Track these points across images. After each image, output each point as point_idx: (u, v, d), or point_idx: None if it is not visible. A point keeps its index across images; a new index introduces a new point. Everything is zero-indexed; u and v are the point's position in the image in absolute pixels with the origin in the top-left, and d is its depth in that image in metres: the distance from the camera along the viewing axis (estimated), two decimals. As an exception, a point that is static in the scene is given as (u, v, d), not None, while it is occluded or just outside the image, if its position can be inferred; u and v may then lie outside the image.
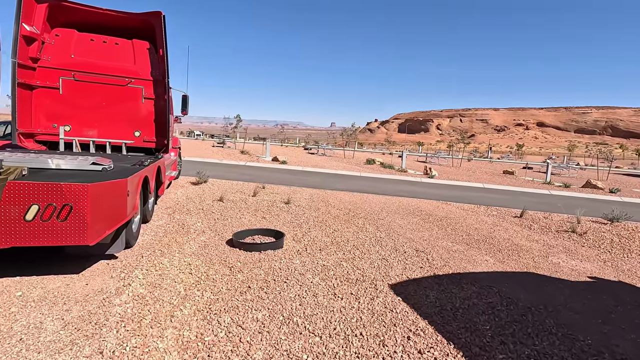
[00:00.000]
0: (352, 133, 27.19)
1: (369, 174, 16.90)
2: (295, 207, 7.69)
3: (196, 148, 24.43)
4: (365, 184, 13.33)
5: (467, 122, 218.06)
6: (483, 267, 4.90)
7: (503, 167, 28.32)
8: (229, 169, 14.77)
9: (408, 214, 8.15)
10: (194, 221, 6.00)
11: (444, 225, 7.22)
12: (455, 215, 8.31)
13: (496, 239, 6.46)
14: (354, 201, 9.19)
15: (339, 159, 24.26)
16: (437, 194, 12.02)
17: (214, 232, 5.50)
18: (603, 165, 42.62)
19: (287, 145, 39.52)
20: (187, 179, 10.15)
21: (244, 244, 4.77)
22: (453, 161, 27.41)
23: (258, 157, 19.94)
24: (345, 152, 28.86)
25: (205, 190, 8.74)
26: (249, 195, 8.54)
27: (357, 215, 7.52)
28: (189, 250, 4.59)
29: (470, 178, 18.11)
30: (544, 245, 6.32)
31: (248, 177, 12.45)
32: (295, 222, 6.52)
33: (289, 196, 8.80)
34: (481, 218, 8.33)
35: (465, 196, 11.93)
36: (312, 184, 11.99)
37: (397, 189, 12.40)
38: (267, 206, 7.56)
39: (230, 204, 7.49)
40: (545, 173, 19.14)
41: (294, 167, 17.11)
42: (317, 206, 8.08)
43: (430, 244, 5.86)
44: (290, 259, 4.57)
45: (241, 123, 26.45)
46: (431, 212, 8.52)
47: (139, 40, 6.82)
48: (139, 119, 6.91)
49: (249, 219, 6.44)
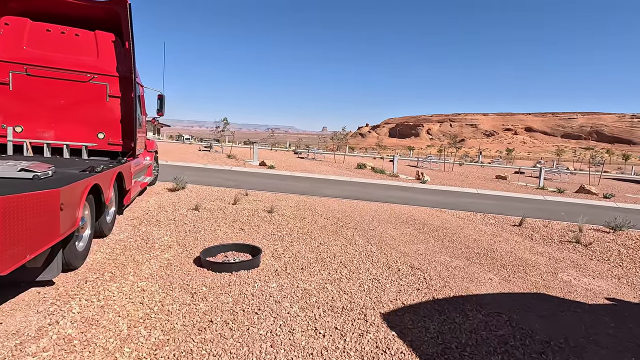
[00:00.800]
0: (343, 137, 26.63)
1: (360, 179, 16.33)
2: (278, 217, 7.03)
3: (182, 152, 23.60)
4: (356, 189, 12.74)
5: (456, 127, 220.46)
6: (488, 288, 4.31)
7: (495, 171, 28.09)
8: (212, 174, 14.03)
9: (401, 223, 7.55)
10: (161, 234, 5.29)
11: (441, 237, 6.63)
12: (451, 225, 7.75)
13: (498, 252, 5.89)
14: (343, 209, 8.57)
15: (329, 164, 23.68)
16: (430, 200, 11.48)
17: (182, 248, 4.80)
18: (592, 169, 42.96)
19: (277, 150, 38.85)
20: (164, 184, 9.41)
21: (213, 264, 4.10)
22: (445, 166, 27.06)
23: (245, 162, 19.21)
24: (335, 156, 28.32)
25: (182, 198, 8.02)
26: (229, 204, 7.85)
27: (346, 226, 6.90)
28: (147, 272, 3.90)
29: (463, 183, 17.68)
30: (550, 258, 5.78)
31: (232, 183, 11.74)
32: (277, 234, 5.86)
33: (273, 204, 8.13)
34: (479, 227, 7.78)
35: (459, 202, 11.42)
36: (299, 190, 11.34)
37: (388, 195, 11.83)
38: (247, 216, 6.88)
39: (206, 213, 6.80)
40: (538, 178, 18.84)
41: (281, 172, 16.44)
42: (303, 215, 7.43)
43: (426, 258, 5.26)
44: (266, 281, 3.91)
45: (229, 126, 25.66)
46: (425, 220, 7.95)
47: (102, 32, 6.12)
48: (103, 119, 6.19)
49: (225, 232, 5.75)
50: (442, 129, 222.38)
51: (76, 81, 5.96)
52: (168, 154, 20.72)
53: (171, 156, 19.72)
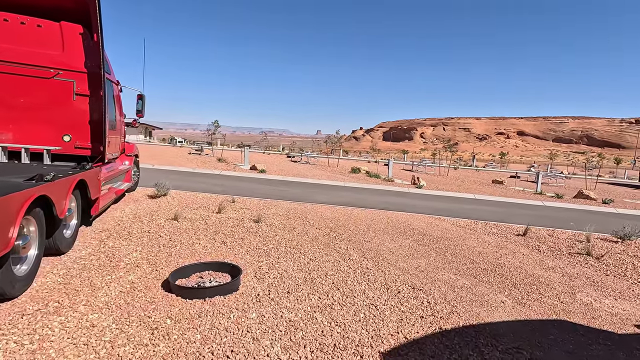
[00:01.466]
0: (337, 140, 26.12)
1: (354, 184, 15.80)
2: (266, 227, 6.44)
3: (171, 155, 22.87)
4: (350, 195, 12.19)
5: (450, 131, 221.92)
6: (501, 314, 3.77)
7: (490, 176, 27.78)
8: (200, 178, 13.39)
9: (399, 233, 7.00)
10: (130, 250, 4.67)
11: (442, 249, 6.10)
12: (452, 235, 7.23)
13: (506, 267, 5.37)
14: (336, 217, 8.01)
15: (322, 168, 23.13)
16: (427, 206, 10.98)
17: (152, 267, 4.19)
18: (583, 173, 42.96)
19: (270, 153, 38.21)
20: (146, 190, 8.76)
21: (182, 289, 3.49)
22: (440, 170, 26.68)
23: (235, 166, 18.57)
24: (329, 160, 27.77)
25: (162, 206, 7.39)
26: (213, 212, 7.24)
27: (339, 237, 6.33)
28: (102, 300, 3.28)
29: (460, 188, 17.25)
30: (563, 275, 5.27)
31: (219, 188, 11.12)
32: (263, 248, 5.26)
33: (261, 212, 7.54)
34: (482, 238, 7.27)
35: (458, 209, 10.93)
36: (290, 196, 10.76)
37: (384, 201, 11.30)
38: (231, 227, 6.28)
39: (186, 224, 6.18)
40: (536, 183, 18.49)
41: (273, 177, 15.84)
42: (293, 225, 6.85)
43: (428, 276, 4.71)
44: (244, 310, 3.32)
45: (221, 129, 25.00)
46: (425, 230, 7.41)
47: (69, 23, 5.50)
48: (69, 120, 5.56)
49: (205, 246, 5.15)
50: (436, 132, 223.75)
51: (38, 77, 5.33)
52: (156, 158, 20.00)
53: (159, 160, 19.02)
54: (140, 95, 8.15)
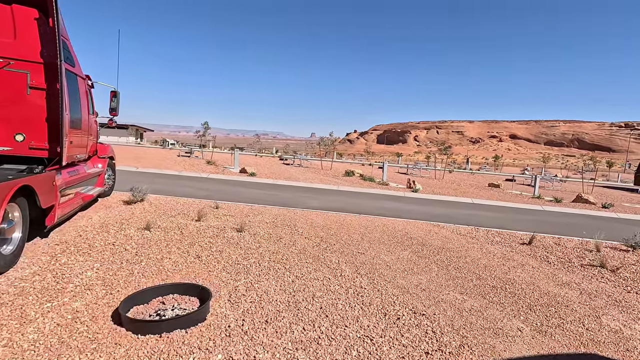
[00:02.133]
0: (331, 143, 25.56)
1: (348, 187, 15.20)
2: (249, 238, 5.80)
3: (160, 158, 22.10)
4: (343, 200, 11.59)
5: (443, 134, 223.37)
6: (520, 346, 3.17)
7: (485, 179, 27.41)
8: (185, 182, 12.68)
9: (396, 243, 6.40)
10: (86, 267, 4.00)
11: (445, 262, 5.50)
12: (453, 245, 6.65)
13: (517, 283, 4.78)
14: (328, 225, 7.39)
15: (315, 171, 22.52)
16: (425, 212, 10.41)
17: (107, 289, 3.53)
18: (576, 176, 42.95)
19: (262, 156, 37.54)
20: (122, 195, 8.07)
21: (133, 323, 2.84)
22: (435, 173, 26.22)
23: (224, 169, 17.88)
24: (322, 163, 27.17)
25: (136, 213, 6.71)
26: (192, 220, 6.57)
27: (330, 248, 5.71)
28: (30, 338, 2.62)
29: (457, 192, 16.75)
30: (581, 292, 4.70)
31: (204, 192, 10.44)
32: (243, 263, 4.62)
33: (245, 220, 6.90)
34: (486, 247, 6.70)
35: (456, 215, 10.38)
36: (280, 201, 10.12)
37: (379, 207, 10.71)
38: (210, 237, 5.62)
39: (159, 234, 5.51)
40: (533, 187, 18.07)
41: (263, 180, 15.18)
42: (280, 235, 6.21)
43: (431, 297, 4.11)
44: (208, 349, 2.67)
45: (212, 131, 24.29)
46: (424, 239, 6.83)
47: (22, 7, 4.84)
48: (23, 117, 4.88)
49: (176, 261, 4.49)
50: (429, 135, 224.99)
51: None
52: (142, 160, 19.23)
53: (145, 162, 18.27)
54: (113, 92, 7.48)
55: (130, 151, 26.66)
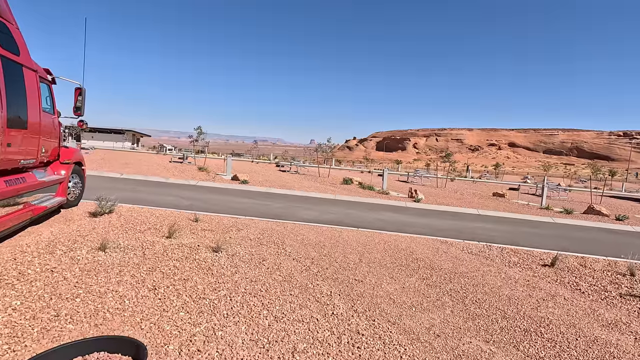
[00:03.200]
0: (329, 149, 24.69)
1: (346, 197, 14.28)
2: (225, 260, 4.86)
3: (150, 163, 21.18)
4: (340, 211, 10.65)
5: (442, 142, 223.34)
6: None
7: (488, 187, 26.53)
8: (170, 190, 11.74)
9: (400, 266, 5.46)
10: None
11: (460, 293, 4.57)
12: (467, 268, 5.71)
13: (553, 325, 3.84)
14: (321, 242, 6.46)
15: (312, 178, 21.61)
16: (429, 225, 9.49)
17: (10, 344, 2.58)
18: (578, 185, 42.12)
19: (259, 162, 36.67)
20: (91, 206, 7.12)
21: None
22: (437, 181, 25.33)
23: (215, 176, 16.94)
24: (320, 170, 26.27)
25: (98, 228, 5.77)
26: (162, 236, 5.63)
27: (322, 273, 4.77)
28: None
29: (461, 202, 15.84)
30: (636, 338, 3.75)
31: (187, 202, 9.50)
32: (210, 297, 3.68)
33: (226, 236, 5.97)
34: (504, 271, 5.76)
35: (464, 229, 9.46)
36: (270, 212, 9.19)
37: (379, 219, 9.78)
38: (177, 259, 4.68)
39: (115, 256, 4.56)
40: (541, 197, 17.17)
41: (255, 188, 14.25)
42: (263, 255, 5.28)
43: (448, 347, 3.17)
44: None
45: (207, 136, 23.43)
46: (432, 261, 5.89)
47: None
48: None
49: (123, 295, 3.55)
50: (429, 143, 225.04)
51: None
52: (130, 166, 18.32)
53: (132, 168, 17.35)
54: (78, 88, 6.60)
55: (122, 156, 25.75)
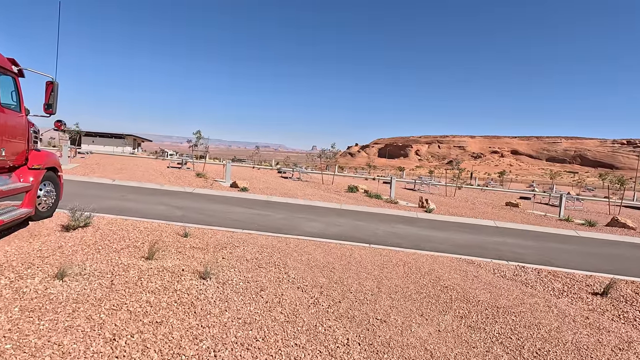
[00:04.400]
0: (332, 156, 23.80)
1: (352, 206, 13.31)
2: (214, 291, 3.91)
3: (146, 169, 20.27)
4: (348, 223, 9.69)
5: (444, 149, 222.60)
6: None
7: (498, 196, 25.52)
8: (162, 198, 10.82)
9: (428, 299, 4.49)
10: None
11: (513, 341, 3.58)
12: (508, 300, 4.73)
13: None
14: (330, 263, 5.50)
15: (316, 185, 20.66)
16: (447, 240, 8.51)
17: None
18: (586, 194, 40.96)
19: (260, 168, 35.78)
20: (67, 218, 6.19)
21: None
22: (446, 189, 24.32)
23: (213, 183, 16.02)
24: (323, 176, 25.33)
25: (65, 246, 4.83)
26: (140, 258, 4.69)
27: (334, 309, 3.81)
28: None
29: (474, 212, 14.85)
30: None
31: (179, 212, 8.57)
32: (187, 354, 2.72)
33: (218, 256, 5.03)
34: (553, 303, 4.78)
35: (486, 244, 8.48)
36: (271, 224, 8.24)
37: (392, 232, 8.81)
38: (154, 291, 3.73)
39: (74, 286, 3.62)
40: (559, 207, 16.17)
41: (255, 197, 13.30)
42: (262, 283, 4.32)
43: None
44: None
45: (202, 140, 22.57)
46: (463, 289, 4.92)
47: None
48: None
49: (69, 349, 2.58)
50: (431, 150, 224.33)
51: None
52: (124, 171, 17.43)
53: (126, 174, 16.44)
54: (50, 82, 5.71)
55: (118, 161, 24.91)
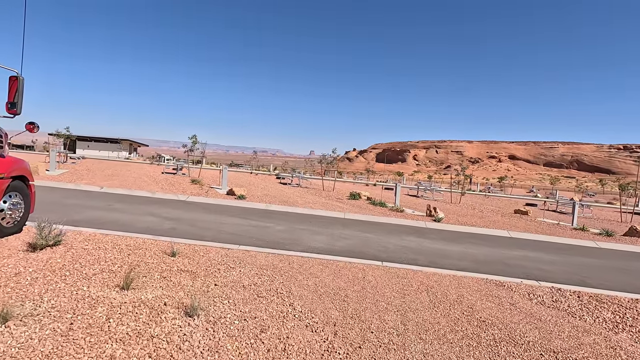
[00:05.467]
0: (333, 161, 23.04)
1: (357, 215, 12.50)
2: (202, 335, 3.08)
3: (140, 175, 19.38)
4: (355, 235, 8.87)
5: (442, 154, 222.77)
6: None
7: (503, 202, 24.82)
8: (152, 208, 9.96)
9: (468, 340, 3.67)
10: None
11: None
12: (564, 341, 3.91)
13: None
14: (342, 289, 4.69)
15: (316, 191, 19.84)
16: (465, 255, 7.71)
17: None
18: (587, 200, 40.32)
19: (258, 174, 34.95)
20: (37, 234, 5.33)
21: None
22: (451, 196, 23.56)
23: (209, 190, 15.16)
24: (324, 182, 24.53)
25: (25, 272, 3.98)
26: (115, 287, 3.85)
27: (352, 358, 2.99)
28: None
29: (484, 221, 14.07)
30: None
31: (169, 225, 7.73)
32: None
33: (210, 282, 4.20)
34: (615, 342, 3.97)
35: (507, 259, 7.69)
36: (270, 238, 7.41)
37: (404, 247, 8.00)
38: (121, 339, 2.89)
39: (16, 335, 2.76)
40: (572, 215, 15.42)
41: (253, 205, 12.47)
42: (263, 320, 3.49)
43: None
44: None
45: (198, 145, 21.74)
46: (505, 325, 4.10)
47: None
48: None
49: None
50: (428, 155, 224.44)
51: None
52: (115, 178, 16.56)
53: (116, 181, 15.57)
54: (14, 77, 4.90)
55: (110, 167, 24.00)
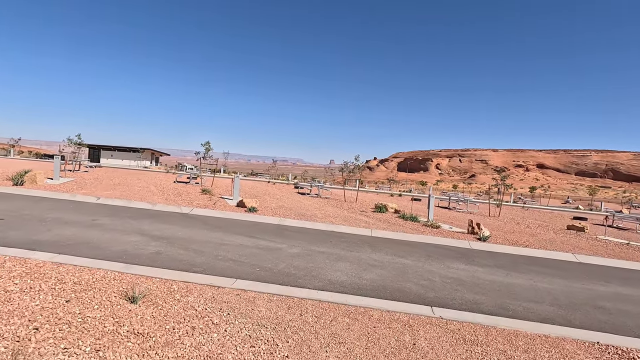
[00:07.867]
0: (355, 168, 21.21)
1: (386, 232, 10.61)
2: None
3: (148, 184, 18.19)
4: (388, 261, 7.00)
5: (466, 162, 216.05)
6: None
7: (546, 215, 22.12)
8: (142, 223, 8.45)
9: None
10: None
11: None
12: None
13: None
14: (374, 357, 2.87)
15: (337, 202, 18.03)
16: (536, 292, 5.69)
17: None
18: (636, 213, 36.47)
19: (275, 183, 33.51)
20: None
21: None
22: (489, 208, 21.14)
23: (218, 200, 13.65)
24: (345, 191, 22.69)
25: None
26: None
27: None
28: None
29: (537, 240, 11.83)
30: None
31: (153, 247, 6.14)
32: None
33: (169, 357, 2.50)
34: None
35: (596, 299, 5.62)
36: (280, 267, 5.67)
37: (454, 279, 6.06)
38: None
39: None
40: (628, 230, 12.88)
41: (264, 219, 10.81)
42: None
43: None
44: None
45: (211, 153, 20.48)
46: None
47: None
48: None
49: None
50: (452, 164, 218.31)
51: None
52: (120, 188, 15.37)
53: (121, 190, 14.35)
54: None
55: (120, 176, 23.11)
